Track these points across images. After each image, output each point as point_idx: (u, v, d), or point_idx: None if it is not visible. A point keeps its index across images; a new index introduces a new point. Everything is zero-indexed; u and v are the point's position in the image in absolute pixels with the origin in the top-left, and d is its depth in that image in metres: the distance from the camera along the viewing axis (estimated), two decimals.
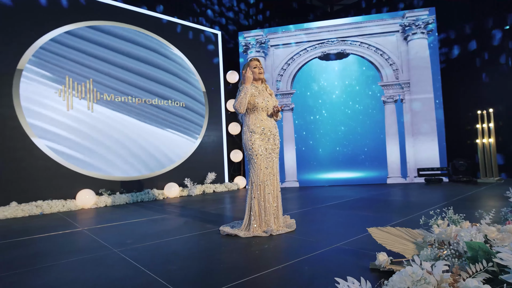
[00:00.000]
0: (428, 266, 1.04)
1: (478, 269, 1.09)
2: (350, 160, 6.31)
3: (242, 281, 1.55)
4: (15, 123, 4.22)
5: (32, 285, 1.64)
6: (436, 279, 1.02)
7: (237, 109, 2.61)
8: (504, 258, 1.10)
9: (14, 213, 3.93)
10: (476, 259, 1.24)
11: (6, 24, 4.22)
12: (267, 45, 6.60)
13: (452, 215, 1.80)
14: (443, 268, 1.01)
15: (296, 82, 6.52)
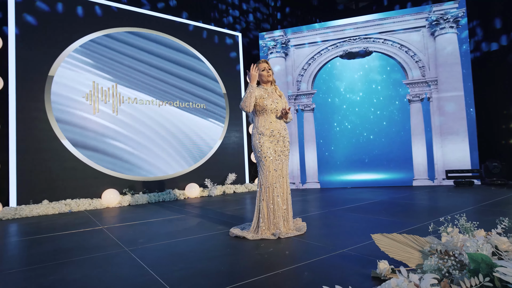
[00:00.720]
0: (416, 278, 0.98)
1: (474, 283, 1.01)
2: (373, 161, 6.11)
3: (236, 285, 1.56)
4: (46, 126, 4.50)
5: (42, 281, 1.74)
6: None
7: (243, 108, 2.62)
8: (507, 273, 1.02)
9: (45, 211, 4.20)
10: (479, 272, 1.16)
11: (38, 33, 4.52)
12: (288, 45, 6.55)
13: (465, 222, 1.68)
14: (431, 281, 0.95)
15: (317, 82, 6.42)
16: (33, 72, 4.45)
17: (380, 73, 6.11)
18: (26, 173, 4.31)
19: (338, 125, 6.31)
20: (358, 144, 6.22)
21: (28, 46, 4.43)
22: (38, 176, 4.40)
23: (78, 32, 4.83)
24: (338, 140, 6.31)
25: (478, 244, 1.31)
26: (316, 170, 6.33)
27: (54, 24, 4.65)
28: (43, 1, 4.59)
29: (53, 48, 4.62)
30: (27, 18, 4.45)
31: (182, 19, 5.98)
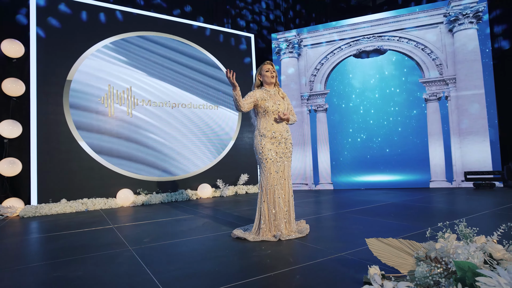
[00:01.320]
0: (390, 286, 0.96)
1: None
2: (388, 162, 5.96)
3: (226, 286, 1.57)
4: (65, 128, 4.71)
5: (45, 278, 1.83)
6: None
7: (237, 110, 2.63)
8: (488, 283, 0.98)
9: (63, 209, 4.40)
10: (465, 281, 1.12)
11: (57, 41, 4.73)
12: (301, 45, 6.51)
13: (464, 228, 1.62)
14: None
15: (330, 82, 6.34)
16: (52, 77, 4.67)
17: (395, 71, 5.95)
18: (46, 173, 4.52)
19: (352, 125, 6.20)
20: (372, 144, 6.08)
21: (47, 52, 4.65)
22: (57, 176, 4.61)
23: (93, 38, 5.01)
24: (352, 140, 6.20)
25: (470, 252, 1.26)
26: (329, 171, 6.25)
27: (71, 31, 4.85)
28: (60, 10, 4.80)
29: (70, 54, 4.82)
30: (46, 27, 4.67)
31: (194, 22, 6.07)
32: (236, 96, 2.56)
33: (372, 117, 6.09)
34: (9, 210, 4.13)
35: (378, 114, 6.06)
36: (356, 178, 6.11)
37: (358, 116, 6.18)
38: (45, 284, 1.72)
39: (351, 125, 6.21)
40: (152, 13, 5.62)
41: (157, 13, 5.70)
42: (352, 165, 6.17)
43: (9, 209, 4.14)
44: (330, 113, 6.31)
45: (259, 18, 7.08)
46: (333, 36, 6.30)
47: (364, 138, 6.14)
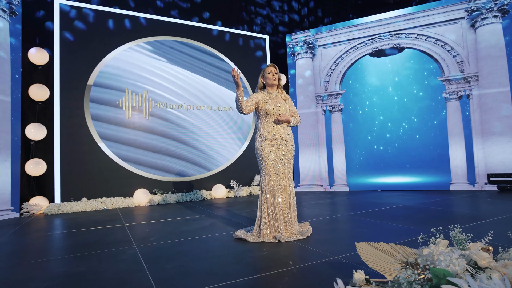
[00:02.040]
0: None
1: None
2: (407, 163, 5.78)
3: (215, 285, 1.62)
4: (85, 130, 4.96)
5: (50, 272, 1.96)
6: None
7: (238, 112, 2.67)
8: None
9: (83, 208, 4.63)
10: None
11: (78, 47, 4.99)
12: (315, 45, 6.46)
13: (458, 234, 1.57)
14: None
15: (345, 82, 6.24)
16: (74, 82, 4.93)
17: (412, 70, 5.77)
18: (68, 173, 4.79)
19: (368, 125, 6.07)
20: (390, 145, 5.93)
21: (69, 59, 4.92)
22: (78, 176, 4.86)
23: (112, 43, 5.24)
24: (369, 140, 6.07)
25: (452, 259, 1.23)
26: (344, 172, 6.15)
27: (91, 38, 5.10)
28: (81, 19, 5.06)
29: (90, 60, 5.07)
30: (68, 35, 4.94)
31: (210, 25, 6.19)
32: (238, 96, 2.60)
33: (389, 117, 5.93)
34: (34, 208, 4.42)
35: (395, 114, 5.90)
36: (373, 180, 5.98)
37: (375, 115, 6.04)
38: (50, 278, 1.84)
39: (367, 125, 6.08)
40: (169, 18, 5.79)
41: (173, 18, 5.86)
42: (368, 166, 6.04)
43: (35, 207, 4.42)
44: (346, 113, 6.22)
45: (273, 20, 7.09)
46: (348, 35, 6.20)
47: (381, 139, 5.99)
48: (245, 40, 6.55)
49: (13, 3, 4.46)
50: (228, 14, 6.53)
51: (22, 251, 2.53)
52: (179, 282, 1.70)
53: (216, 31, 6.24)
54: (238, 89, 2.57)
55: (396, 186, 5.73)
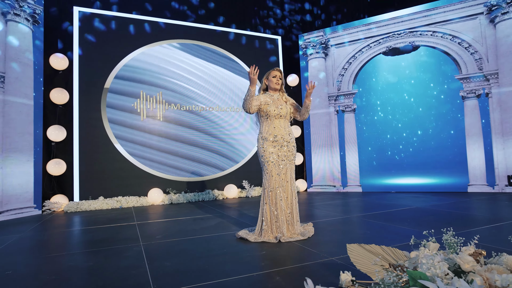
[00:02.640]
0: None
1: None
2: (422, 164, 5.63)
3: (207, 283, 1.68)
4: (102, 132, 5.17)
5: (58, 267, 2.09)
6: None
7: (244, 110, 2.71)
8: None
9: (100, 206, 4.84)
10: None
11: (95, 52, 5.21)
12: (328, 45, 6.41)
13: (450, 237, 1.55)
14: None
15: (358, 81, 6.16)
16: (92, 86, 5.16)
17: (428, 68, 5.61)
18: (86, 173, 5.02)
19: (382, 125, 5.96)
20: (405, 145, 5.79)
21: (87, 64, 5.15)
22: (96, 175, 5.08)
23: (128, 47, 5.43)
24: (383, 140, 5.96)
25: (434, 262, 1.22)
26: (357, 173, 6.07)
27: (108, 42, 5.31)
28: (98, 25, 5.28)
29: (107, 63, 5.28)
30: (86, 41, 5.17)
31: (223, 28, 6.28)
32: (251, 93, 2.61)
33: (403, 116, 5.80)
34: (55, 206, 4.66)
35: (410, 113, 5.76)
36: (387, 181, 5.87)
37: (389, 115, 5.92)
38: (59, 272, 1.97)
39: (381, 124, 5.97)
40: (183, 22, 5.93)
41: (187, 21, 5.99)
42: (383, 167, 5.93)
43: (55, 205, 4.67)
44: (359, 113, 6.14)
45: (285, 20, 7.09)
46: (361, 34, 6.11)
47: (395, 139, 5.87)
48: (257, 41, 6.60)
49: (36, 12, 4.73)
50: (241, 16, 6.60)
51: (39, 246, 2.69)
52: (173, 278, 1.77)
53: (229, 34, 6.32)
54: (252, 86, 2.59)
55: (411, 188, 5.60)
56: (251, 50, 6.52)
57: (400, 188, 5.68)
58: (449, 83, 5.44)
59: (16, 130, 4.34)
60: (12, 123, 4.31)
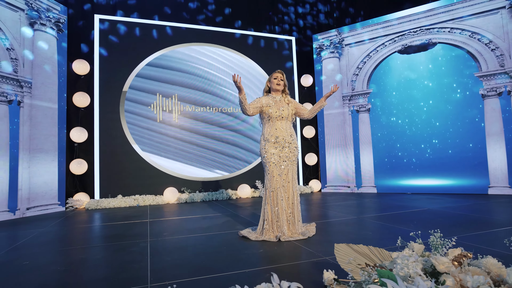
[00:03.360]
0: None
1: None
2: (440, 165, 5.46)
3: (199, 277, 1.77)
4: (121, 133, 5.42)
5: (70, 259, 2.25)
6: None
7: (243, 113, 2.80)
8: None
9: (119, 204, 5.08)
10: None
11: (114, 58, 5.48)
12: (342, 44, 6.36)
13: (436, 239, 1.54)
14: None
15: (373, 81, 6.07)
16: (111, 90, 5.42)
17: (445, 66, 5.44)
18: (106, 172, 5.28)
19: (398, 124, 5.84)
20: (421, 145, 5.64)
21: (107, 69, 5.42)
22: (115, 174, 5.34)
23: (145, 52, 5.66)
24: (399, 141, 5.84)
25: (408, 262, 1.24)
26: (372, 174, 5.98)
27: (125, 48, 5.56)
28: (117, 32, 5.55)
29: (125, 68, 5.53)
30: (106, 46, 5.45)
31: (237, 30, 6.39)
32: (241, 99, 2.71)
33: (420, 116, 5.65)
34: (77, 203, 4.95)
35: (427, 113, 5.60)
36: (403, 182, 5.74)
37: (405, 115, 5.79)
38: (68, 264, 2.13)
39: (397, 124, 5.85)
40: (197, 25, 6.09)
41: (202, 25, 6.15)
42: (399, 167, 5.80)
43: (77, 202, 4.96)
44: (374, 113, 6.04)
45: (299, 21, 7.09)
46: (376, 33, 6.02)
47: (412, 139, 5.72)
48: (271, 42, 6.65)
49: (61, 21, 5.04)
50: (255, 18, 6.67)
51: (57, 240, 2.90)
52: (170, 272, 1.88)
53: (243, 36, 6.42)
54: (240, 93, 2.69)
55: (428, 189, 5.45)
56: (266, 51, 6.58)
57: (417, 190, 5.54)
58: (468, 81, 5.25)
59: (42, 132, 4.66)
60: (39, 126, 4.62)
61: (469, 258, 1.44)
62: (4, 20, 4.31)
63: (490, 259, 1.28)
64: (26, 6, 4.58)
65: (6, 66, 4.29)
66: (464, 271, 1.22)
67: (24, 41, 4.53)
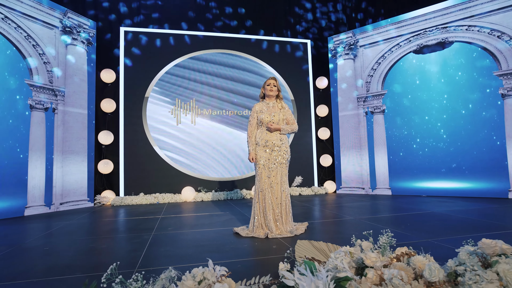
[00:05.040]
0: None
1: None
2: (458, 168, 5.30)
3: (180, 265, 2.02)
4: (143, 136, 5.88)
5: (82, 247, 2.61)
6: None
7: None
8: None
9: (140, 201, 5.52)
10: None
11: (138, 65, 5.95)
12: (356, 45, 6.35)
13: (384, 238, 1.66)
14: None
15: (388, 82, 6.01)
16: (135, 96, 5.90)
17: (462, 65, 5.26)
18: (130, 172, 5.76)
19: (413, 126, 5.73)
20: (437, 147, 5.51)
21: (131, 77, 5.90)
22: (137, 174, 5.80)
23: (165, 60, 6.08)
24: (414, 142, 5.73)
25: (340, 257, 1.39)
26: (387, 176, 5.93)
27: (147, 57, 6.02)
28: (139, 42, 6.01)
29: (147, 74, 5.98)
30: (130, 57, 5.93)
31: (253, 36, 6.62)
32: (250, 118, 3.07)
33: (436, 117, 5.52)
34: (104, 199, 5.46)
35: (443, 113, 5.45)
36: (418, 184, 5.63)
37: (420, 116, 5.67)
38: (78, 250, 2.48)
39: (412, 126, 5.75)
40: (214, 33, 6.42)
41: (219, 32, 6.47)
42: (414, 169, 5.70)
43: (104, 199, 5.46)
44: (388, 115, 5.98)
45: (314, 23, 7.15)
46: (390, 33, 5.95)
47: (427, 140, 5.60)
48: (287, 46, 6.80)
49: (90, 35, 5.58)
50: (271, 22, 6.86)
51: (78, 231, 3.31)
52: (158, 260, 2.15)
53: (258, 41, 6.64)
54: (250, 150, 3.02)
55: (445, 192, 5.31)
56: (281, 55, 6.74)
57: (433, 192, 5.42)
58: (486, 80, 5.05)
59: (73, 135, 5.21)
60: (70, 130, 5.18)
61: (412, 256, 1.55)
62: (42, 37, 4.90)
63: (418, 257, 1.39)
64: (60, 24, 5.15)
65: (43, 78, 4.87)
66: (392, 266, 1.35)
67: (59, 55, 5.11)
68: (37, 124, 4.72)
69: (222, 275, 1.24)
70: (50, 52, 5.00)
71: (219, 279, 1.21)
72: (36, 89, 4.76)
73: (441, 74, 5.47)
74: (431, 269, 1.24)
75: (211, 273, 1.25)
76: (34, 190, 4.63)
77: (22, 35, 4.65)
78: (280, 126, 2.93)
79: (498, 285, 1.14)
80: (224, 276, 1.24)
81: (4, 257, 2.37)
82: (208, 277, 1.22)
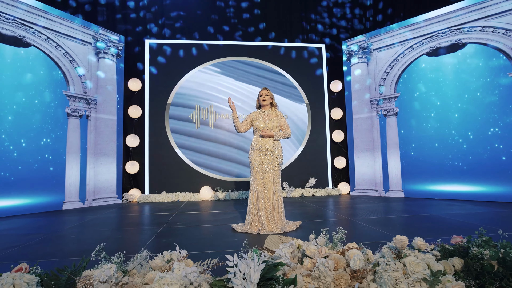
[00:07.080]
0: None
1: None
2: (472, 171, 5.21)
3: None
4: (165, 139, 6.40)
5: (97, 236, 3.07)
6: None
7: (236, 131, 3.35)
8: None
9: (163, 199, 6.04)
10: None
11: (161, 74, 6.49)
12: (370, 49, 6.42)
13: (339, 235, 1.90)
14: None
15: (400, 85, 6.01)
16: (158, 102, 6.44)
17: (476, 67, 5.17)
18: (154, 172, 6.31)
19: (426, 128, 5.71)
20: (452, 150, 5.44)
21: (155, 85, 6.45)
22: (161, 174, 6.33)
23: (185, 68, 6.57)
24: (427, 145, 5.70)
25: (284, 248, 1.66)
26: (399, 178, 5.94)
27: (170, 66, 6.54)
28: (164, 51, 6.55)
29: (169, 83, 6.50)
30: (155, 66, 6.49)
31: (268, 42, 6.92)
32: (233, 117, 3.29)
33: (450, 120, 5.45)
34: (131, 197, 6.04)
35: (457, 116, 5.38)
36: (432, 187, 5.60)
37: (434, 118, 5.63)
38: (94, 239, 2.95)
39: (426, 128, 5.72)
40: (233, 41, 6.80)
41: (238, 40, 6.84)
42: (427, 172, 5.67)
43: (131, 196, 6.05)
44: (401, 117, 5.99)
45: (328, 28, 7.28)
46: (403, 36, 5.96)
47: (441, 143, 5.55)
48: (301, 51, 7.01)
49: (119, 48, 6.20)
50: (285, 28, 7.11)
51: (102, 223, 3.82)
52: (157, 250, 2.53)
53: (273, 47, 6.92)
54: (233, 113, 3.26)
55: (459, 195, 5.25)
56: (297, 60, 6.97)
57: (446, 196, 5.37)
58: (502, 81, 4.93)
59: (104, 139, 5.84)
60: (101, 134, 5.81)
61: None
62: (77, 53, 5.56)
63: (353, 250, 1.62)
64: (93, 40, 5.80)
65: (78, 89, 5.53)
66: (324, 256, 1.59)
67: (91, 67, 5.76)
68: (73, 130, 5.39)
69: (183, 257, 1.56)
70: (84, 65, 5.65)
71: (179, 259, 1.54)
72: (72, 99, 5.43)
73: (455, 75, 5.40)
74: (354, 260, 1.48)
75: (176, 254, 1.58)
76: (70, 188, 5.29)
77: (61, 52, 5.33)
78: (272, 133, 3.21)
79: (401, 273, 1.35)
80: (184, 258, 1.57)
81: (41, 241, 2.90)
82: (174, 257, 1.56)
